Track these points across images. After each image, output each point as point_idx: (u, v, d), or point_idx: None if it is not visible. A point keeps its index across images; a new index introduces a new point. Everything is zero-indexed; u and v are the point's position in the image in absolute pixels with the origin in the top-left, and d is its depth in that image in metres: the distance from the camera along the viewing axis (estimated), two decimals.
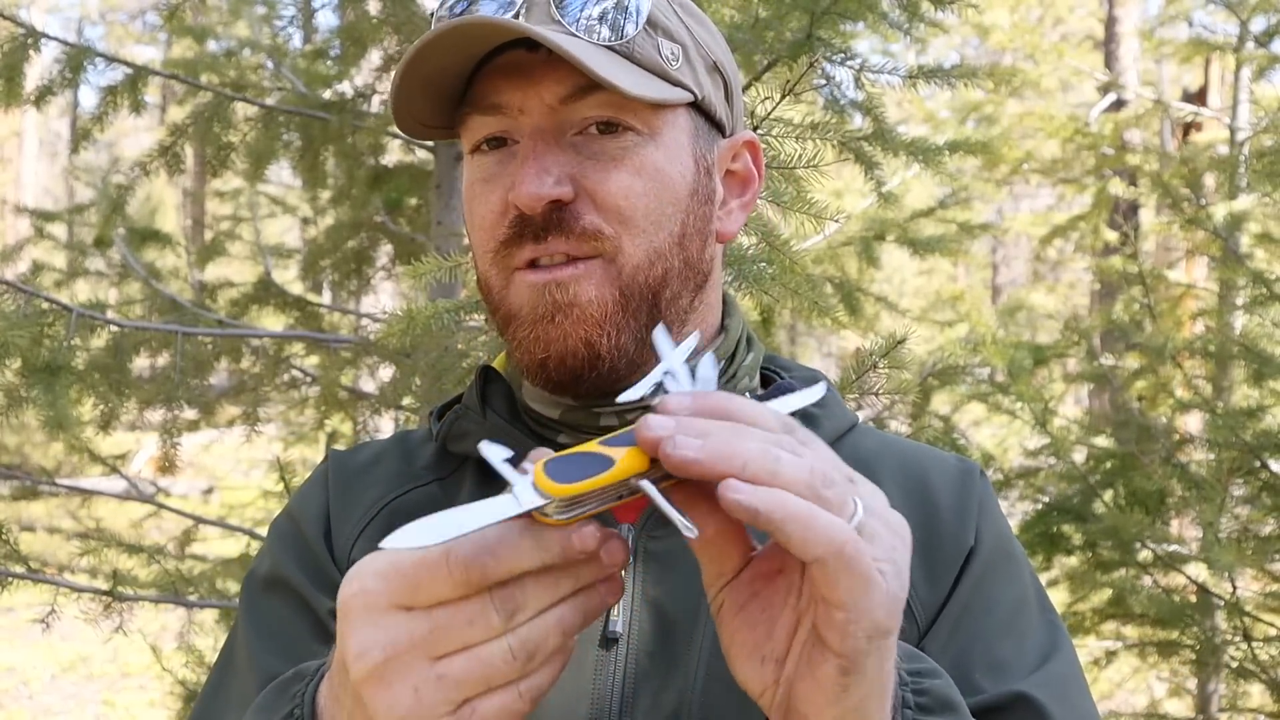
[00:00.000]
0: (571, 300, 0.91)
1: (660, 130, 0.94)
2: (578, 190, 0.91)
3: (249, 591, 1.04)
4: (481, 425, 1.02)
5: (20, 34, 2.66)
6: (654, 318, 0.94)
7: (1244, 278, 3.91)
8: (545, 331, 0.92)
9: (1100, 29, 12.17)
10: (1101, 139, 6.81)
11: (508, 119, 0.92)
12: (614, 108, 0.91)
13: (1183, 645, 3.71)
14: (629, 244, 0.92)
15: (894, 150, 2.20)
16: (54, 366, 2.25)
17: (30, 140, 20.81)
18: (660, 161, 0.93)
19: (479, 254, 0.97)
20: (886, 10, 2.29)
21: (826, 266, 3.79)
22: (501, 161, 0.94)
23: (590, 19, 0.91)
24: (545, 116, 0.91)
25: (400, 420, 3.49)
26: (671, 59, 0.94)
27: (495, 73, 0.92)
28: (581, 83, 0.90)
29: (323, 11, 3.50)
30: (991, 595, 0.96)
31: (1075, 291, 16.04)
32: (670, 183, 0.94)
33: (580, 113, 0.91)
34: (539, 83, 0.91)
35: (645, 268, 0.93)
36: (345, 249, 3.69)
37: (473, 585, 0.63)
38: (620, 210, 0.91)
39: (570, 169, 0.91)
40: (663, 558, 0.94)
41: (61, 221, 4.27)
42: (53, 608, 2.66)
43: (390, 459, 1.07)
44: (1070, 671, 0.95)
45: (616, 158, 0.92)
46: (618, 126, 0.92)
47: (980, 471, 1.05)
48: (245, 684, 0.96)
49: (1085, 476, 3.63)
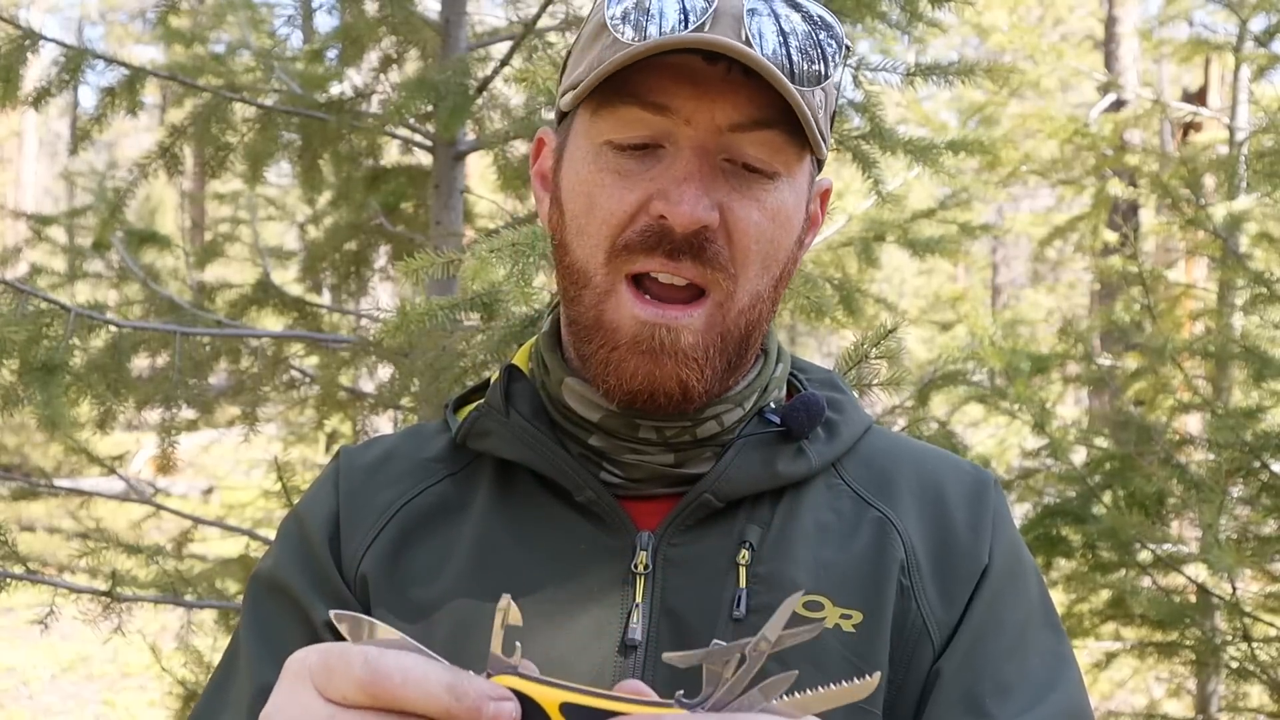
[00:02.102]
0: (676, 344, 0.91)
1: (796, 175, 0.94)
2: (719, 220, 0.91)
3: (253, 591, 1.03)
4: (504, 425, 1.01)
5: (18, 35, 2.66)
6: (741, 354, 0.96)
7: (1243, 278, 3.91)
8: (644, 365, 0.92)
9: (1100, 29, 12.17)
10: (1101, 139, 6.80)
11: (668, 123, 0.90)
12: (773, 149, 0.91)
13: (1182, 646, 3.71)
14: (744, 285, 0.93)
15: (892, 149, 2.19)
16: (50, 366, 2.25)
17: (30, 141, 20.82)
18: (790, 207, 0.94)
19: (583, 243, 0.94)
20: (885, 10, 2.29)
21: (826, 266, 3.79)
22: (645, 162, 0.91)
23: (785, 53, 0.88)
24: (711, 136, 0.89)
25: (399, 419, 3.49)
26: (820, 108, 0.93)
27: (667, 71, 0.89)
28: (757, 116, 0.89)
29: (321, 12, 3.50)
30: (1001, 617, 0.96)
31: (1075, 292, 16.03)
32: (792, 228, 0.95)
33: (742, 145, 0.90)
34: (715, 100, 0.89)
35: (747, 310, 0.94)
36: (344, 250, 3.69)
37: (374, 698, 0.63)
38: (749, 251, 0.92)
39: (720, 197, 0.90)
40: (681, 565, 0.94)
41: (60, 225, 4.27)
42: (51, 608, 2.65)
43: (402, 456, 1.06)
44: (1075, 693, 0.95)
45: (759, 197, 0.92)
46: (764, 173, 0.91)
47: (995, 482, 1.05)
48: (242, 690, 0.96)
49: (1084, 478, 3.63)
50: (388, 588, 0.98)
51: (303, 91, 3.21)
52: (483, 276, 1.72)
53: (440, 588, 0.96)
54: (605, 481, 0.98)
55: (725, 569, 0.93)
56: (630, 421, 0.97)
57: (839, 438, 1.02)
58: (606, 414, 0.97)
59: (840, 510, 0.99)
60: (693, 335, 0.91)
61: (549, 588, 0.95)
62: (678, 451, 0.98)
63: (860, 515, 0.98)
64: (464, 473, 1.03)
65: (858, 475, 1.02)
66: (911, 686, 0.93)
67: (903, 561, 0.96)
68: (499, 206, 3.60)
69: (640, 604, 0.93)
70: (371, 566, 0.99)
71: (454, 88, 2.60)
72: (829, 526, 0.97)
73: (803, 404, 1.01)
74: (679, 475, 0.98)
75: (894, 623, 0.93)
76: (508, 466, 1.02)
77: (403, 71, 3.39)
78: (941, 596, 0.95)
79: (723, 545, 0.95)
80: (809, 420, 1.00)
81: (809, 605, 0.93)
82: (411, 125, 3.01)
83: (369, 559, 0.99)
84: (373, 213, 3.55)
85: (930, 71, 2.21)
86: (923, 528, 0.99)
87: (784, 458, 0.99)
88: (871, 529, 0.97)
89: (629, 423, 0.97)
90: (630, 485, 0.98)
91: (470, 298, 1.86)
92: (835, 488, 1.00)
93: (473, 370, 2.27)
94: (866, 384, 1.87)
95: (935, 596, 0.95)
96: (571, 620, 0.93)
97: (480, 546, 0.98)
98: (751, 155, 0.90)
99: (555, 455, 0.98)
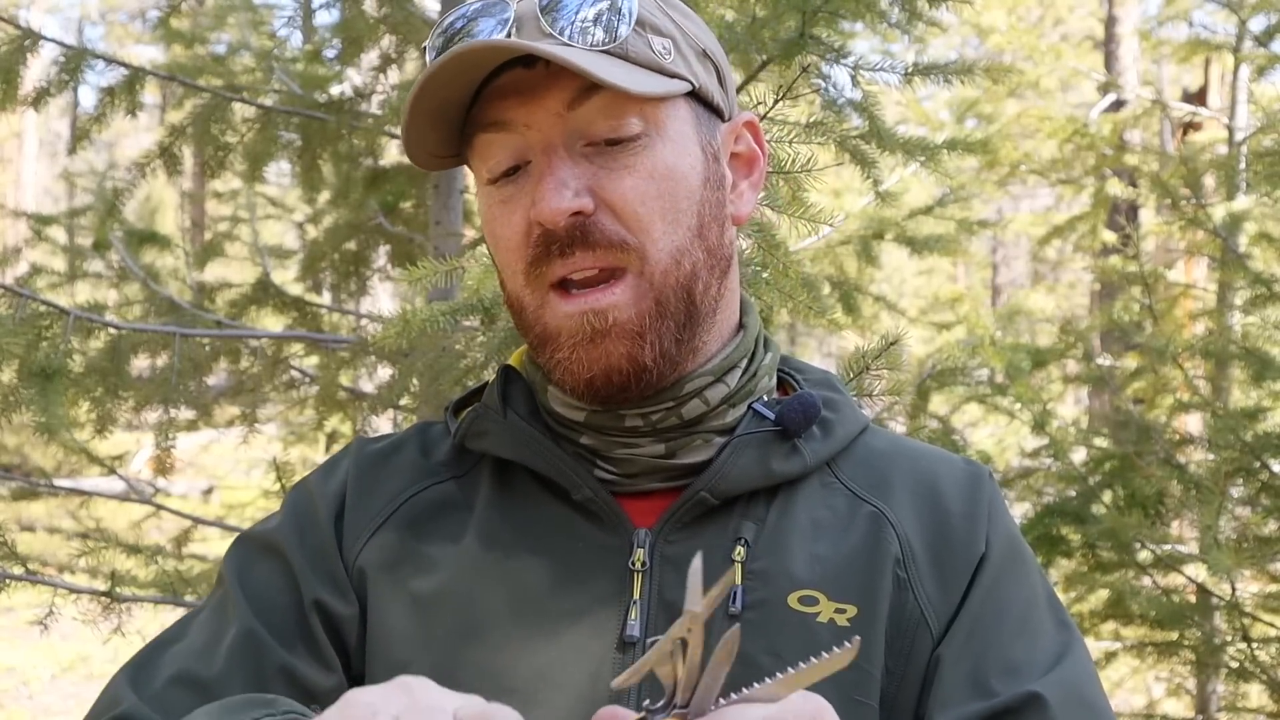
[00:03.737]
0: (607, 323, 0.92)
1: (665, 125, 0.95)
2: (597, 201, 0.92)
3: (243, 550, 1.04)
4: (501, 425, 1.02)
5: (18, 35, 2.66)
6: (691, 313, 0.96)
7: (1243, 278, 3.91)
8: (587, 353, 0.93)
9: (1100, 29, 12.17)
10: (1101, 139, 6.80)
11: (515, 135, 0.93)
12: (618, 107, 0.92)
13: (1182, 646, 3.70)
14: (652, 249, 0.93)
15: (891, 149, 2.19)
16: (49, 370, 2.25)
17: (30, 141, 20.82)
18: (670, 158, 0.94)
19: (508, 276, 0.98)
20: (885, 9, 2.29)
21: (825, 266, 3.79)
22: (518, 183, 0.94)
23: (582, 25, 0.92)
24: (553, 127, 0.92)
25: (399, 419, 3.49)
26: (664, 53, 0.95)
27: (496, 94, 0.94)
28: (582, 86, 0.91)
29: (320, 12, 3.50)
30: (1004, 600, 0.97)
31: (1075, 291, 16.03)
32: (682, 177, 0.95)
33: (586, 116, 0.92)
34: (542, 96, 0.92)
35: (673, 269, 0.94)
36: (344, 250, 3.69)
37: None
38: (639, 216, 0.93)
39: (587, 180, 0.92)
40: (679, 561, 0.95)
41: (60, 225, 4.27)
42: (51, 608, 2.65)
43: (410, 449, 1.07)
44: (1083, 669, 0.96)
45: (629, 164, 0.93)
46: (625, 140, 0.93)
47: (989, 474, 1.06)
48: (224, 626, 0.97)
49: (1084, 477, 3.63)
50: (388, 578, 0.99)
51: (302, 91, 3.21)
52: (486, 284, 1.73)
53: (440, 582, 0.97)
54: (601, 479, 0.99)
55: (721, 565, 0.94)
56: (614, 414, 0.98)
57: (834, 436, 1.03)
58: (590, 412, 0.99)
59: (834, 507, 1.00)
60: (622, 310, 0.93)
61: (547, 585, 0.96)
62: (667, 440, 0.99)
63: (854, 511, 1.00)
64: (468, 476, 1.04)
65: (852, 474, 1.03)
66: (913, 677, 0.94)
67: (898, 555, 0.97)
68: None
69: (638, 600, 0.94)
70: (372, 556, 1.00)
71: None
72: (823, 522, 0.98)
73: (798, 402, 1.01)
74: (672, 466, 0.99)
75: (891, 615, 0.94)
76: (506, 466, 1.03)
77: (402, 71, 3.39)
78: (939, 586, 0.96)
79: (719, 542, 0.96)
80: (805, 419, 1.01)
81: (804, 600, 0.94)
82: None
83: (370, 548, 1.00)
84: (372, 212, 3.55)
85: (929, 71, 2.21)
86: (918, 521, 1.00)
87: (779, 456, 1.00)
88: (865, 524, 0.99)
89: (614, 415, 0.98)
90: (625, 481, 0.99)
91: (471, 302, 1.86)
92: (829, 485, 1.01)
93: (473, 371, 2.27)
94: (868, 393, 1.87)
95: (932, 587, 0.96)
96: (570, 617, 0.94)
97: (481, 543, 0.99)
98: (603, 125, 0.92)
99: (551, 454, 0.99)
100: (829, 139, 1.94)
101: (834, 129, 1.95)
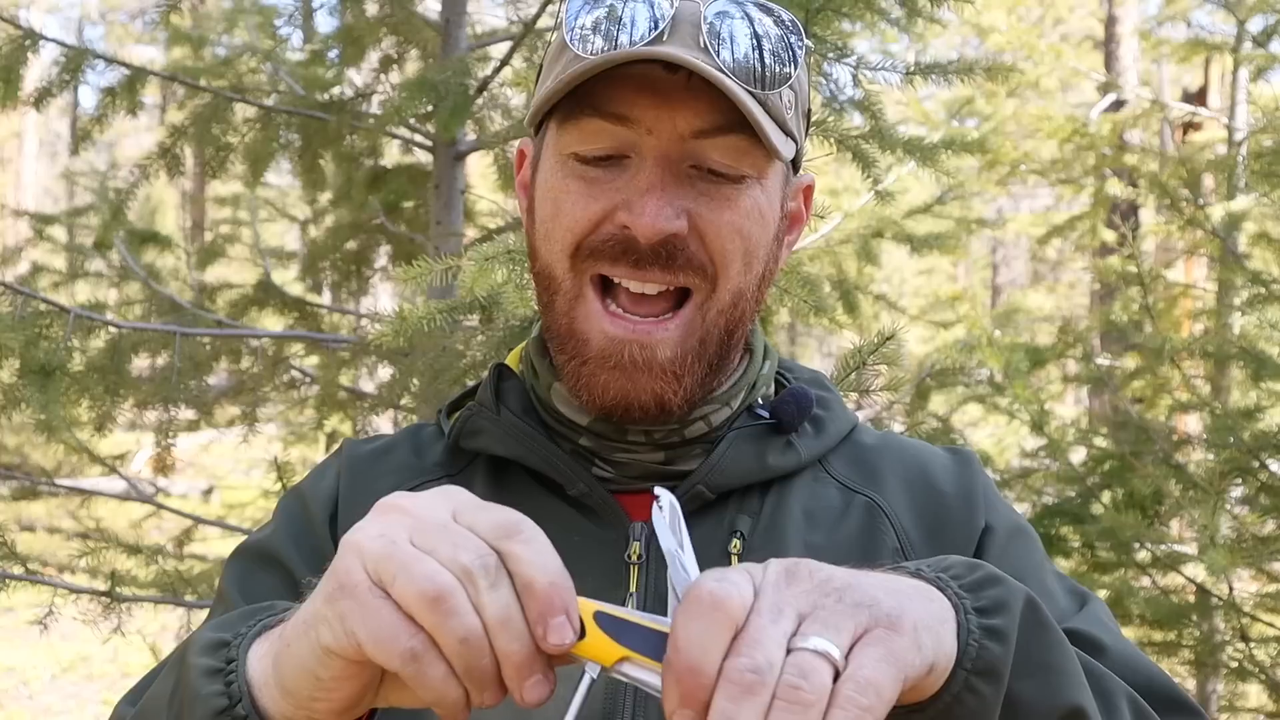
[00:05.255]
0: (651, 359, 0.92)
1: (767, 174, 0.95)
2: (690, 225, 0.91)
3: (241, 561, 1.04)
4: (495, 423, 1.02)
5: (18, 35, 2.66)
6: (722, 356, 0.97)
7: (1242, 278, 3.91)
8: (615, 379, 0.93)
9: (1100, 29, 12.17)
10: (1100, 139, 6.81)
11: (631, 134, 0.91)
12: (738, 153, 0.91)
13: (1181, 646, 3.71)
14: (724, 284, 0.94)
15: (891, 148, 2.20)
16: (49, 368, 2.25)
17: (30, 141, 20.81)
18: (763, 205, 0.95)
19: (549, 244, 0.96)
20: (885, 8, 2.29)
21: (824, 265, 3.79)
22: (610, 171, 0.93)
23: (743, 58, 0.89)
24: (674, 145, 0.90)
25: (398, 420, 3.49)
26: (788, 107, 0.94)
27: (628, 83, 0.90)
28: (719, 123, 0.90)
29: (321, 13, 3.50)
30: (1014, 565, 0.97)
31: (1075, 291, 16.03)
32: (767, 226, 0.96)
33: (707, 151, 0.91)
34: (676, 109, 0.90)
35: (729, 308, 0.95)
36: (344, 250, 3.69)
37: (499, 540, 0.68)
38: (725, 251, 0.93)
39: (688, 204, 0.91)
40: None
41: (61, 224, 4.27)
42: (51, 608, 2.65)
43: (402, 450, 1.08)
44: (1106, 614, 0.98)
45: (730, 199, 0.92)
46: (733, 178, 0.92)
47: (976, 457, 1.08)
48: None
49: (1083, 477, 3.63)
50: None
51: (303, 92, 3.21)
52: (481, 283, 1.73)
53: None
54: (597, 476, 1.00)
55: (717, 557, 0.95)
56: (618, 427, 0.99)
57: (826, 433, 1.05)
58: (595, 419, 0.99)
59: (827, 499, 1.01)
60: (669, 348, 0.93)
61: None
62: (668, 450, 1.00)
63: (847, 502, 1.01)
64: (462, 475, 1.04)
65: (843, 468, 1.04)
66: None
67: (895, 546, 0.98)
68: (499, 206, 3.61)
69: (634, 593, 0.94)
70: None
71: (454, 88, 2.61)
72: (817, 514, 1.00)
73: (792, 397, 1.03)
74: (670, 472, 1.00)
75: None
76: (501, 464, 1.03)
77: (403, 72, 3.39)
78: None
79: (715, 535, 0.97)
80: (799, 412, 1.02)
81: None
82: (412, 125, 3.02)
83: None
84: (373, 213, 3.55)
85: (930, 70, 2.22)
86: (911, 508, 1.01)
87: (774, 450, 1.01)
88: (859, 513, 1.00)
89: (617, 428, 0.99)
90: (622, 480, 1.00)
91: (469, 300, 1.87)
92: (821, 480, 1.03)
93: (472, 370, 2.28)
94: (866, 389, 1.87)
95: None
96: None
97: None
98: (716, 161, 0.91)
99: (547, 451, 1.00)
100: (830, 136, 1.94)
101: (835, 128, 1.95)
